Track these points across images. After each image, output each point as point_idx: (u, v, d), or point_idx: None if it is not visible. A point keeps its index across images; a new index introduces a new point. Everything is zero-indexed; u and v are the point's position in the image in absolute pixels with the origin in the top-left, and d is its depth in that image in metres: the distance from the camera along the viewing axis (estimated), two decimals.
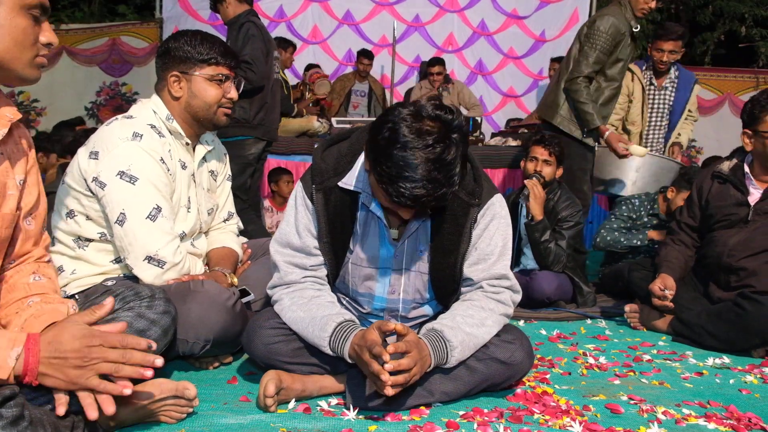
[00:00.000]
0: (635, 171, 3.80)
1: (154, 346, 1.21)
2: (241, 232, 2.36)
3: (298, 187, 1.72)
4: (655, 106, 4.17)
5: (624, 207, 3.65)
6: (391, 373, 1.41)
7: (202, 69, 1.96)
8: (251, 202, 3.89)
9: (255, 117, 3.59)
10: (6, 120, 1.25)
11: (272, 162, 5.17)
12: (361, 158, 1.66)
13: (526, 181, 3.20)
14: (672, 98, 4.15)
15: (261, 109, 3.62)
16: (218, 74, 1.98)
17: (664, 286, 2.54)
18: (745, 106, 2.60)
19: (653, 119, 4.19)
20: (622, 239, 3.50)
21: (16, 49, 1.20)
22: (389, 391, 1.41)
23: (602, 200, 5.25)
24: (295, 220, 1.71)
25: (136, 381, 1.45)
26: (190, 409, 1.48)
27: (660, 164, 3.83)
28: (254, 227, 3.62)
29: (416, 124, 1.40)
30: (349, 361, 1.57)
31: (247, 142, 3.62)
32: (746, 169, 2.62)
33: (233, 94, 2.03)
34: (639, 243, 3.48)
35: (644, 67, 4.14)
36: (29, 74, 1.25)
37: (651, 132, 4.22)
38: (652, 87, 4.14)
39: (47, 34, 1.26)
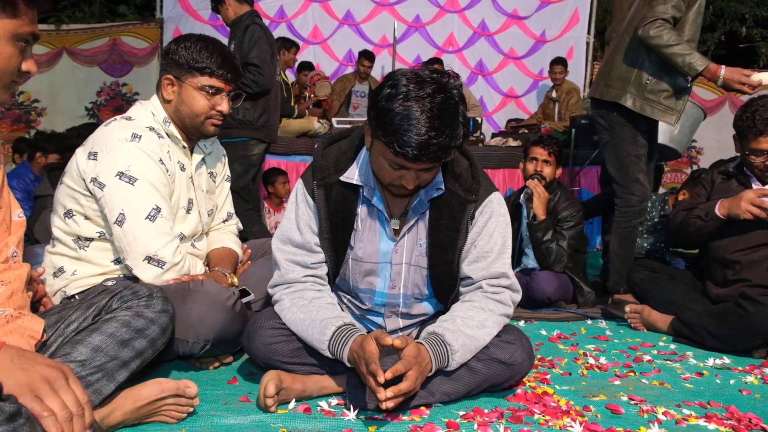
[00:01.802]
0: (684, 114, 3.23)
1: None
2: (247, 234, 2.36)
3: (299, 184, 1.73)
4: None
5: None
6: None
7: (195, 77, 1.93)
8: (253, 204, 3.90)
9: (259, 119, 3.60)
10: None
11: (272, 162, 5.18)
12: (362, 153, 1.68)
13: (528, 182, 3.20)
14: None
15: (264, 111, 3.63)
16: (209, 86, 1.94)
17: (759, 193, 2.43)
18: (737, 114, 2.63)
19: None
20: (645, 245, 3.45)
21: None
22: (388, 405, 1.42)
23: None
24: (296, 217, 1.72)
25: (135, 381, 1.46)
26: (191, 409, 1.48)
27: (695, 113, 3.56)
28: (259, 228, 3.62)
29: (416, 79, 1.46)
30: (348, 365, 1.57)
31: (250, 143, 3.63)
32: (747, 170, 2.65)
33: (224, 107, 1.97)
34: (662, 245, 3.43)
35: None
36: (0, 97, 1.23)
37: None
38: None
39: (29, 64, 1.24)
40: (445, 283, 1.75)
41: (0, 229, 1.34)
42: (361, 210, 1.72)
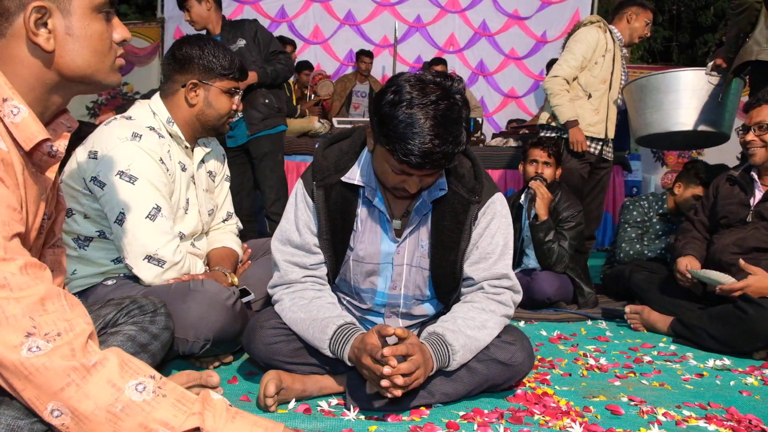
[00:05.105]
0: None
1: None
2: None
3: (299, 184, 1.72)
4: (624, 70, 3.83)
5: (635, 212, 3.60)
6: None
7: (222, 81, 2.02)
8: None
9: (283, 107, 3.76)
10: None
11: None
12: (364, 154, 1.67)
13: (531, 183, 3.21)
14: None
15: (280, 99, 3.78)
16: (232, 87, 2.04)
17: (690, 266, 2.60)
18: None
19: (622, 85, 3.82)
20: (647, 252, 3.43)
21: (97, 59, 1.10)
22: (397, 392, 1.42)
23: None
24: (295, 217, 1.72)
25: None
26: None
27: (705, 84, 3.47)
28: None
29: (419, 85, 1.46)
30: (349, 364, 1.57)
31: (284, 133, 3.79)
32: (753, 174, 2.66)
33: (239, 105, 2.11)
34: (664, 252, 3.41)
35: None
36: (111, 81, 1.14)
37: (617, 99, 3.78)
38: (623, 49, 3.79)
39: (119, 30, 1.13)
40: (446, 285, 1.75)
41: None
42: (362, 211, 1.71)
